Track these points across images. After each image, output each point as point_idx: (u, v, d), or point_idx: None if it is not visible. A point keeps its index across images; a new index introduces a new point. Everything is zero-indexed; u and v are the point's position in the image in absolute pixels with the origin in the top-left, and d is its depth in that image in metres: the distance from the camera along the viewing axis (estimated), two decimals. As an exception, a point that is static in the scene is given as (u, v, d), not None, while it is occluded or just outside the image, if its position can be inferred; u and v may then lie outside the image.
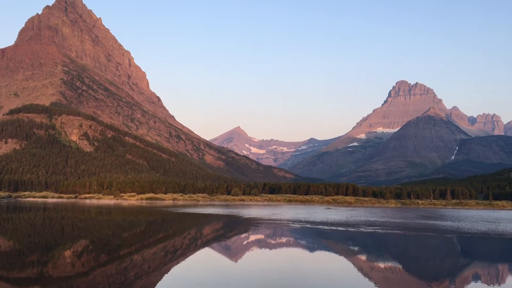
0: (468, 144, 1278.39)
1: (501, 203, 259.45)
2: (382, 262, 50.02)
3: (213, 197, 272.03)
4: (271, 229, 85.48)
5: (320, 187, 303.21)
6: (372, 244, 68.34)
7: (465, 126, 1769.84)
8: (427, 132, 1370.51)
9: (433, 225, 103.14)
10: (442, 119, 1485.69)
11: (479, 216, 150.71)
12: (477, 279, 42.10)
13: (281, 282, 36.01)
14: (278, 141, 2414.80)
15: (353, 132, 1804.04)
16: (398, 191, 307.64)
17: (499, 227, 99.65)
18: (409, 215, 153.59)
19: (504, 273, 45.89)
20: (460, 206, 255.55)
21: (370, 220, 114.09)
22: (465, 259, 56.55)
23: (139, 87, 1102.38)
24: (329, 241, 69.79)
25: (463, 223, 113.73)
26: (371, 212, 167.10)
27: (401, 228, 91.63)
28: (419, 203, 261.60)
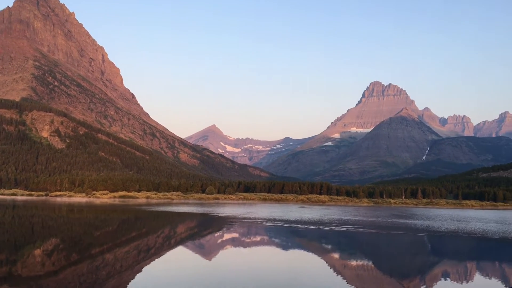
0: (439, 144, 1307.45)
1: (470, 203, 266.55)
2: (354, 260, 50.70)
3: (187, 196, 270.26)
4: (245, 227, 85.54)
5: (295, 186, 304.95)
6: (345, 242, 69.19)
7: (436, 127, 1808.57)
8: (399, 133, 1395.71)
9: (404, 224, 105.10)
10: (414, 120, 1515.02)
11: (448, 215, 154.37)
12: (446, 276, 43.12)
13: (254, 280, 36.08)
14: (254, 140, 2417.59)
15: (328, 132, 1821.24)
16: (371, 190, 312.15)
17: (467, 226, 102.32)
18: (381, 213, 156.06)
19: (472, 271, 47.16)
20: (431, 205, 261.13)
21: (343, 219, 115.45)
22: (435, 257, 57.85)
23: (113, 84, 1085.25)
24: (303, 240, 70.32)
25: (434, 222, 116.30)
26: (344, 210, 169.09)
27: (373, 227, 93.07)
28: (391, 202, 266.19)
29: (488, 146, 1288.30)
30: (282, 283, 35.43)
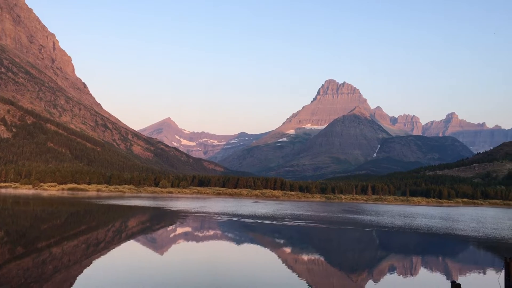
0: (389, 142, 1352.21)
1: (416, 199, 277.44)
2: (306, 255, 51.62)
3: (140, 189, 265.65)
4: (199, 222, 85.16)
5: (249, 180, 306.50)
6: (297, 237, 70.31)
7: (387, 126, 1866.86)
8: (352, 130, 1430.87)
9: (354, 219, 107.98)
10: (367, 118, 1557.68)
11: (396, 211, 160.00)
12: (393, 270, 44.73)
13: (207, 274, 36.00)
14: (209, 134, 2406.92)
15: (283, 128, 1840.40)
16: (323, 186, 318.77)
17: (414, 222, 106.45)
18: (333, 209, 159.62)
19: (417, 265, 49.11)
20: (380, 201, 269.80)
21: (296, 214, 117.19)
22: (383, 251, 59.86)
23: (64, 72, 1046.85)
24: (256, 234, 70.82)
25: (382, 217, 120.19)
26: (297, 206, 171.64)
27: (324, 222, 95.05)
28: (342, 198, 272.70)
29: (435, 145, 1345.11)
30: (234, 277, 35.53)
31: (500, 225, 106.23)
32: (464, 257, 57.33)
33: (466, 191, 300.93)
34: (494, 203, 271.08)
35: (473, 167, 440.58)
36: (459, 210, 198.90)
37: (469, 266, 48.61)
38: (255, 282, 34.09)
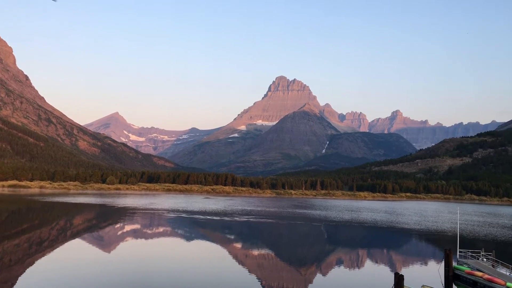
0: (338, 139, 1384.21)
1: (363, 194, 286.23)
2: (256, 250, 51.99)
3: (86, 186, 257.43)
4: (147, 219, 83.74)
5: (200, 176, 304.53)
6: (247, 233, 70.70)
7: (335, 123, 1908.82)
8: (302, 127, 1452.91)
9: (303, 214, 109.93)
10: (316, 115, 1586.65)
11: (344, 206, 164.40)
12: (340, 263, 45.95)
13: (156, 272, 35.44)
14: (159, 129, 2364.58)
15: (234, 123, 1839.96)
16: (274, 182, 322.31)
17: (360, 216, 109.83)
18: (283, 204, 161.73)
19: (363, 257, 50.67)
20: (329, 196, 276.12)
21: (247, 209, 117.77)
22: (331, 245, 61.33)
23: (4, 64, 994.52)
24: (206, 230, 70.54)
25: (330, 212, 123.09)
26: (248, 201, 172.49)
27: (274, 217, 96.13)
28: (292, 193, 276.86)
29: (380, 142, 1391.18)
30: (183, 274, 35.19)
31: (440, 219, 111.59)
32: (407, 249, 59.77)
33: (409, 186, 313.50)
34: (435, 197, 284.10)
35: (416, 162, 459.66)
36: (403, 204, 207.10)
37: (412, 258, 50.72)
38: (205, 278, 33.92)
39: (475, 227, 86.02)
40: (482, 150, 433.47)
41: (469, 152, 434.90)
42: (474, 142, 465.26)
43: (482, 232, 76.64)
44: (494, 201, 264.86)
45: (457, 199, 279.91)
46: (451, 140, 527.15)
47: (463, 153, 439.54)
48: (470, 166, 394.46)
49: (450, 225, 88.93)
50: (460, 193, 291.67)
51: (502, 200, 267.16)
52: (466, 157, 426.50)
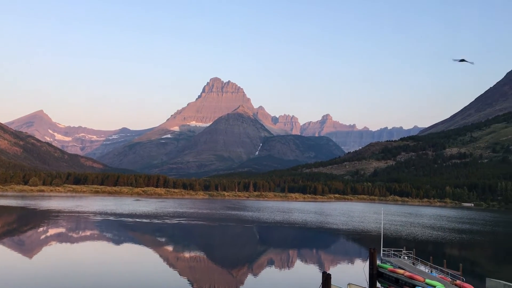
0: (270, 141, 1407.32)
1: (294, 195, 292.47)
2: (187, 252, 51.34)
3: (6, 187, 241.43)
4: (73, 222, 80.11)
5: (130, 178, 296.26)
6: (178, 235, 69.67)
7: (268, 125, 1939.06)
8: (236, 129, 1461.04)
9: (236, 216, 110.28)
10: (250, 117, 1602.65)
11: (276, 207, 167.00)
12: (271, 264, 46.54)
13: (81, 278, 33.92)
14: (87, 128, 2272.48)
15: (167, 124, 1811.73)
16: (207, 183, 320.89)
17: (291, 217, 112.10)
18: (216, 206, 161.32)
19: (293, 257, 51.69)
20: (261, 197, 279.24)
21: (179, 211, 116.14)
22: (262, 246, 61.96)
23: None
24: (135, 233, 68.65)
25: (262, 213, 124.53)
26: (180, 203, 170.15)
27: (207, 219, 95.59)
28: (225, 195, 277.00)
29: (311, 145, 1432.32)
30: (111, 279, 33.98)
31: (366, 219, 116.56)
32: (335, 248, 61.79)
33: (338, 187, 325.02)
34: (361, 198, 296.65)
35: (344, 165, 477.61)
36: (331, 205, 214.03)
37: (339, 257, 52.48)
38: (134, 283, 32.95)
39: (398, 226, 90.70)
40: (405, 153, 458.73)
41: (393, 156, 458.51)
42: (398, 146, 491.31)
43: (404, 231, 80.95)
44: (415, 202, 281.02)
45: (381, 200, 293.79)
46: (377, 144, 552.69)
47: (387, 156, 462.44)
48: (394, 168, 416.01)
49: (375, 225, 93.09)
50: (384, 194, 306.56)
51: (422, 201, 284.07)
52: (390, 160, 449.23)
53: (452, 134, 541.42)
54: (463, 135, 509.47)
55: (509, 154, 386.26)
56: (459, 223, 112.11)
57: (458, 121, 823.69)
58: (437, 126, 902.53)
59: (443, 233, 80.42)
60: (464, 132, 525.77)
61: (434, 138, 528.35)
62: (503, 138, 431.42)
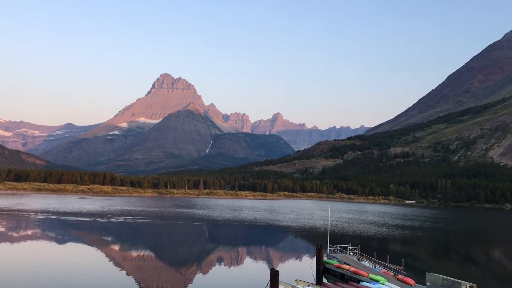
0: (221, 139, 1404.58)
1: (244, 193, 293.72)
2: (134, 251, 50.28)
3: None
4: (13, 221, 76.48)
5: (75, 175, 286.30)
6: (125, 234, 68.09)
7: (219, 123, 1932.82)
8: (186, 126, 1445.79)
9: (185, 214, 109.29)
10: (201, 114, 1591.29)
11: (226, 205, 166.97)
12: (221, 261, 46.49)
13: (21, 279, 32.44)
14: (29, 123, 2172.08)
15: (115, 120, 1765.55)
16: (156, 181, 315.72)
17: (241, 214, 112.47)
18: (165, 204, 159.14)
19: (243, 255, 51.88)
20: (211, 195, 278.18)
21: (126, 210, 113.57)
22: (212, 244, 61.77)
23: None
24: (80, 232, 66.50)
25: (212, 211, 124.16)
26: (128, 201, 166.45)
27: (155, 217, 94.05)
28: (174, 193, 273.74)
29: (262, 143, 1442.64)
30: (51, 281, 32.72)
31: (314, 216, 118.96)
32: (284, 245, 62.63)
33: (287, 185, 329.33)
34: (310, 195, 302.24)
35: (294, 163, 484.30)
36: (281, 202, 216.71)
37: (288, 254, 53.25)
38: (78, 283, 31.91)
39: (345, 223, 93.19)
40: (352, 152, 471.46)
41: (341, 154, 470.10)
42: (345, 145, 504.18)
43: (350, 228, 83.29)
44: (361, 199, 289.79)
45: (329, 197, 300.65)
46: (325, 143, 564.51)
47: (335, 155, 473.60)
48: (341, 167, 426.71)
49: (323, 222, 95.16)
50: (332, 192, 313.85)
51: (367, 198, 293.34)
52: (338, 158, 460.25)
53: (396, 134, 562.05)
54: (407, 135, 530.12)
55: (449, 154, 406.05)
56: (402, 219, 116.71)
57: (402, 121, 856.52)
58: (383, 126, 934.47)
59: (387, 230, 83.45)
60: (408, 132, 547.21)
61: (379, 137, 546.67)
62: (444, 138, 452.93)
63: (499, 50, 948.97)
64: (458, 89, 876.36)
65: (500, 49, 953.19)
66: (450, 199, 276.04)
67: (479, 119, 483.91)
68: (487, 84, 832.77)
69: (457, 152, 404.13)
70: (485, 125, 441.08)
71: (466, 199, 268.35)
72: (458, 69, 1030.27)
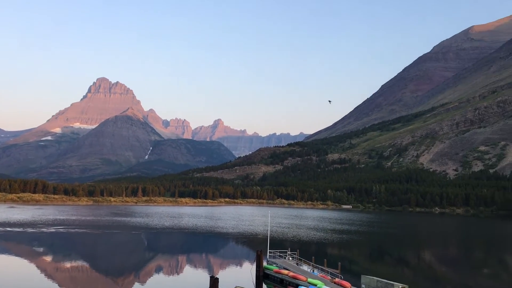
0: (161, 145, 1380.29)
1: (185, 200, 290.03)
2: (68, 262, 48.20)
3: None
4: None
5: (4, 183, 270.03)
6: (58, 244, 65.09)
7: (159, 129, 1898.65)
8: (124, 131, 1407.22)
9: (123, 222, 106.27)
10: (140, 120, 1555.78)
11: (166, 212, 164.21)
12: (159, 270, 45.62)
13: None
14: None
15: (47, 125, 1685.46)
16: (92, 189, 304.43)
17: (181, 222, 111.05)
18: (101, 212, 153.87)
19: (183, 263, 51.21)
20: (150, 203, 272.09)
21: (59, 219, 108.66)
22: (150, 253, 60.46)
23: None
24: (8, 244, 62.75)
25: (151, 219, 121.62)
26: (62, 210, 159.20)
27: (90, 226, 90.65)
28: (111, 201, 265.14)
29: (203, 149, 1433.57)
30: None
31: (255, 222, 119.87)
32: (224, 252, 62.53)
33: (228, 192, 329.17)
34: (251, 202, 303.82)
35: (235, 169, 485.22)
36: (221, 209, 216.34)
37: (228, 261, 53.22)
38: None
39: (284, 229, 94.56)
40: (292, 158, 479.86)
41: (281, 160, 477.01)
42: (285, 151, 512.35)
43: (290, 233, 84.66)
44: (300, 205, 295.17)
45: (269, 203, 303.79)
46: (266, 149, 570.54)
47: (275, 161, 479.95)
48: (281, 173, 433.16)
49: (263, 228, 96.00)
50: (272, 198, 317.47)
51: (306, 204, 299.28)
52: (278, 164, 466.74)
53: (333, 140, 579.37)
54: (343, 141, 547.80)
55: (383, 160, 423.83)
56: (339, 224, 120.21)
57: (339, 128, 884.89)
58: (321, 133, 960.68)
59: (325, 234, 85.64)
60: (344, 139, 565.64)
61: (318, 144, 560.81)
62: (378, 145, 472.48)
63: (429, 62, 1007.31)
64: (391, 98, 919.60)
65: (429, 61, 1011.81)
66: (384, 203, 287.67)
67: (410, 127, 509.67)
68: (418, 93, 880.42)
69: (390, 158, 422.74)
70: (416, 133, 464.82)
71: (398, 204, 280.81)
72: (391, 79, 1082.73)
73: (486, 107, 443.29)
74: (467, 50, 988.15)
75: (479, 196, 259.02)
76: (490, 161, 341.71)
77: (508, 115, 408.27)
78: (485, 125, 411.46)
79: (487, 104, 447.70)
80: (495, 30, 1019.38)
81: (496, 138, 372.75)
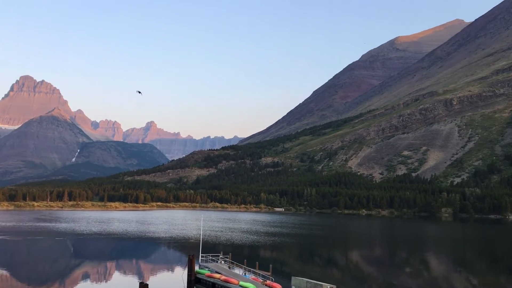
0: (90, 147, 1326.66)
1: (114, 204, 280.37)
2: (-16, 272, 45.05)
3: None
4: None
5: None
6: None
7: (88, 130, 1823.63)
8: (50, 133, 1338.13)
9: (47, 228, 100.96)
10: (66, 121, 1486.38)
11: (93, 217, 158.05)
12: (87, 278, 43.79)
13: None
14: None
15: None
16: (13, 193, 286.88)
17: (110, 227, 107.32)
18: (23, 217, 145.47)
19: (111, 269, 49.54)
20: (77, 207, 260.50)
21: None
22: (77, 260, 57.91)
23: None
24: None
25: (78, 224, 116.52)
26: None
27: (10, 233, 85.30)
28: (35, 205, 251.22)
29: (134, 152, 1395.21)
30: None
31: (187, 226, 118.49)
32: (155, 257, 61.28)
33: (160, 195, 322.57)
34: (184, 205, 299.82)
35: (168, 173, 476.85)
36: (153, 213, 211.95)
37: (159, 266, 52.23)
38: None
39: (217, 232, 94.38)
40: (226, 162, 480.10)
41: (215, 164, 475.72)
42: (219, 155, 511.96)
43: (223, 236, 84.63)
44: (234, 208, 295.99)
45: (203, 207, 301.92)
46: (200, 152, 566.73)
47: (209, 164, 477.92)
48: (215, 176, 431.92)
49: (196, 232, 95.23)
50: (206, 201, 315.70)
51: (240, 207, 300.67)
52: (212, 168, 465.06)
53: (267, 144, 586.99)
54: (277, 145, 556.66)
55: (314, 164, 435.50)
56: (272, 226, 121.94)
57: (273, 132, 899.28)
58: (255, 137, 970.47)
59: (258, 237, 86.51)
60: (277, 143, 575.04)
61: (252, 147, 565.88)
62: (309, 149, 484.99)
63: (357, 70, 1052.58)
64: (322, 104, 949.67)
65: (358, 69, 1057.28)
66: (314, 206, 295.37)
67: (340, 132, 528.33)
68: (347, 100, 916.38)
69: (321, 162, 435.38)
70: (345, 138, 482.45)
71: (328, 206, 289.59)
72: (322, 85, 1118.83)
73: (409, 114, 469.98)
74: (393, 59, 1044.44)
75: (403, 199, 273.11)
76: (413, 165, 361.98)
77: (429, 122, 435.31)
78: (408, 131, 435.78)
79: (410, 111, 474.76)
80: (419, 41, 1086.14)
81: (418, 143, 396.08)
